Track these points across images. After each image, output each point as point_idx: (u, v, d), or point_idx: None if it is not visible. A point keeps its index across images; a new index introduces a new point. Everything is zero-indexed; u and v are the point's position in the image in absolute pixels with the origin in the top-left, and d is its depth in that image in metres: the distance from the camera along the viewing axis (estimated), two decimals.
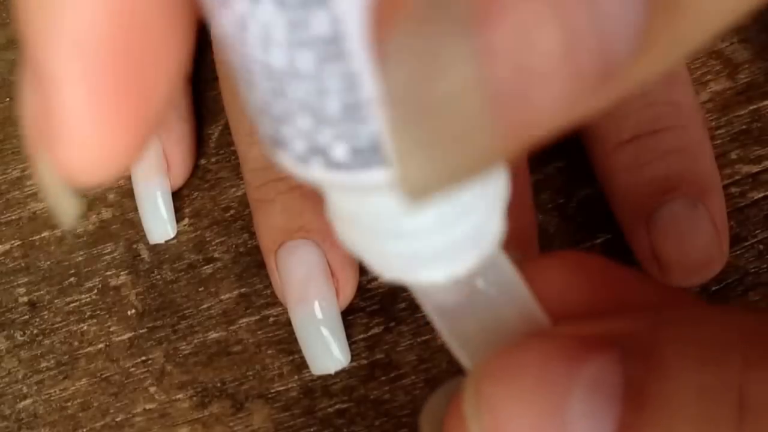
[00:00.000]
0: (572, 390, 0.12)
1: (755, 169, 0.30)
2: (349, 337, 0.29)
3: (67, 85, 0.11)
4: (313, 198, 0.29)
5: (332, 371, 0.28)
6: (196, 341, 0.30)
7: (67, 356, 0.30)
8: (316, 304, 0.28)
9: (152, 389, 0.29)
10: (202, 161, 0.33)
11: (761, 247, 0.29)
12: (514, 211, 0.13)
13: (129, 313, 0.31)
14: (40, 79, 0.12)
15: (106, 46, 0.11)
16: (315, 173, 0.11)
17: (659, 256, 0.26)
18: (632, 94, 0.27)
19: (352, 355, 0.29)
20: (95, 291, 0.31)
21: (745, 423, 0.12)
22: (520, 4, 0.09)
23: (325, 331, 0.28)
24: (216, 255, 0.31)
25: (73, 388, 0.30)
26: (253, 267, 0.31)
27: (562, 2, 0.09)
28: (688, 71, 0.32)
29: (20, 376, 0.30)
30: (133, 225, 0.32)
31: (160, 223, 0.31)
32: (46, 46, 0.11)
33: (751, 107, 0.31)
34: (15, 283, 0.32)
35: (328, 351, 0.28)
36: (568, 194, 0.30)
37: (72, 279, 0.31)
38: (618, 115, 0.27)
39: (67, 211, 0.13)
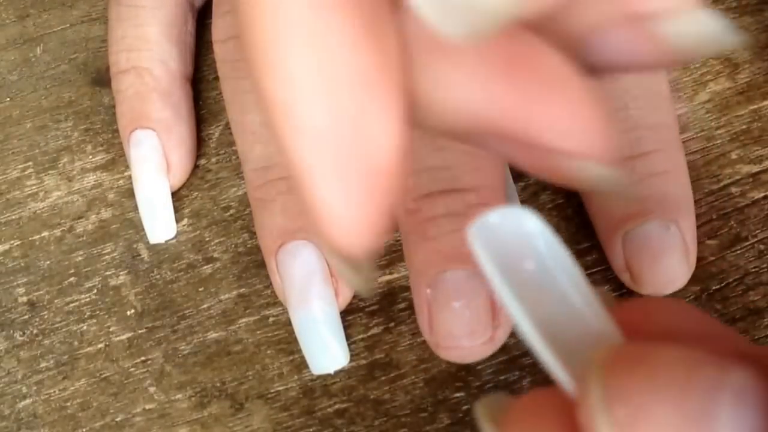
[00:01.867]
0: (720, 396, 0.12)
1: (755, 168, 0.30)
2: (349, 337, 0.29)
3: (312, 175, 0.13)
4: None
5: (332, 371, 0.28)
6: (195, 341, 0.30)
7: (66, 356, 0.30)
8: (316, 305, 0.28)
9: (152, 389, 0.29)
10: (202, 161, 0.33)
11: (761, 247, 0.29)
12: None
13: (128, 313, 0.31)
14: (293, 173, 0.13)
15: (338, 133, 0.13)
16: None
17: (631, 271, 0.28)
18: (614, 117, 0.27)
19: (351, 355, 0.29)
20: (95, 291, 0.31)
21: None
22: None
23: (324, 332, 0.28)
24: (216, 255, 0.31)
25: (73, 388, 0.30)
26: (252, 267, 0.31)
27: None
28: (688, 71, 0.32)
29: (20, 376, 0.30)
30: (133, 225, 0.32)
31: (159, 223, 0.31)
32: (286, 138, 0.13)
33: (751, 107, 0.31)
34: (14, 283, 0.32)
35: (327, 351, 0.28)
36: (568, 194, 0.30)
37: (71, 279, 0.31)
38: None
39: (352, 280, 0.15)
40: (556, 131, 0.14)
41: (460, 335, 0.25)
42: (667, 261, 0.27)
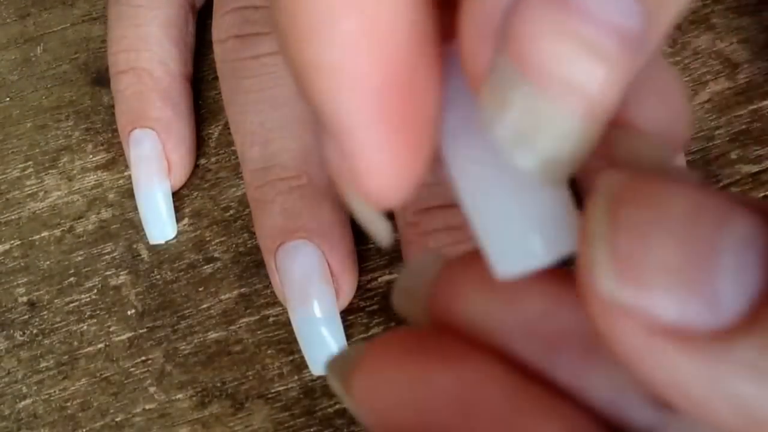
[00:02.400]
0: (726, 238, 0.12)
1: (755, 168, 0.30)
2: (349, 337, 0.29)
3: (358, 131, 0.13)
4: (312, 199, 0.29)
5: None
6: (195, 341, 0.30)
7: (66, 356, 0.30)
8: (316, 305, 0.28)
9: (152, 389, 0.29)
10: (202, 161, 0.33)
11: None
12: None
13: (129, 313, 0.31)
14: (331, 130, 0.13)
15: (384, 90, 0.13)
16: None
17: None
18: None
19: None
20: (95, 291, 0.31)
21: None
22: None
23: (324, 332, 0.28)
24: (216, 255, 0.31)
25: (73, 388, 0.30)
26: (253, 267, 0.31)
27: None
28: (688, 71, 0.32)
29: (20, 376, 0.30)
30: (133, 225, 0.32)
31: (160, 223, 0.31)
32: (332, 100, 0.13)
33: (751, 107, 0.31)
34: (14, 283, 0.32)
35: (327, 351, 0.28)
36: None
37: (72, 279, 0.31)
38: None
39: (380, 231, 0.15)
40: None
41: None
42: None
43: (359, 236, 0.30)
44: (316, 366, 0.28)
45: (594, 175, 0.13)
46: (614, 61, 0.12)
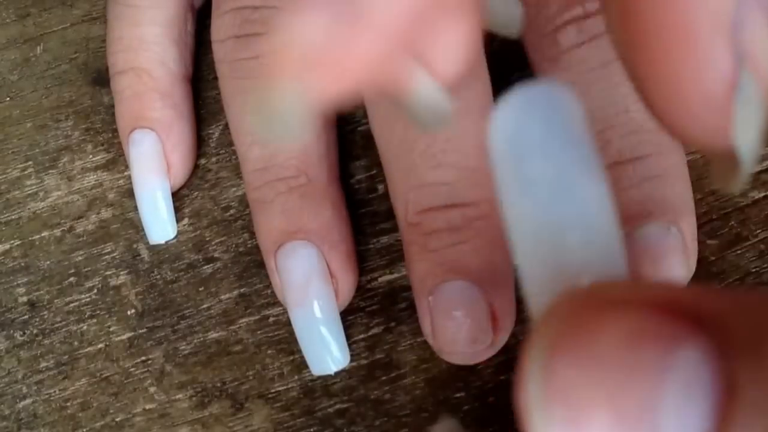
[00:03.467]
0: (666, 383, 0.11)
1: (756, 168, 0.30)
2: (349, 337, 0.29)
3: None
4: (312, 199, 0.29)
5: (332, 372, 0.28)
6: (195, 341, 0.30)
7: (66, 356, 0.30)
8: (316, 305, 0.28)
9: (152, 389, 0.29)
10: (202, 161, 0.33)
11: (762, 246, 0.29)
12: None
13: (129, 312, 0.31)
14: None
15: None
16: None
17: (631, 274, 0.27)
18: (616, 121, 0.27)
19: (352, 356, 0.29)
20: (95, 291, 0.31)
21: None
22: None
23: (324, 332, 0.28)
24: (216, 255, 0.31)
25: (73, 388, 0.30)
26: (253, 267, 0.31)
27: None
28: None
29: (20, 376, 0.30)
30: (133, 225, 0.32)
31: (160, 223, 0.31)
32: None
33: None
34: (14, 283, 0.32)
35: (327, 351, 0.28)
36: None
37: (72, 279, 0.31)
38: (601, 140, 0.27)
39: (441, 105, 0.16)
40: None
41: (462, 342, 0.26)
42: (668, 263, 0.27)
43: (359, 236, 0.30)
44: (316, 366, 0.28)
45: None
46: None
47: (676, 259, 0.27)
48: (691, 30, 0.13)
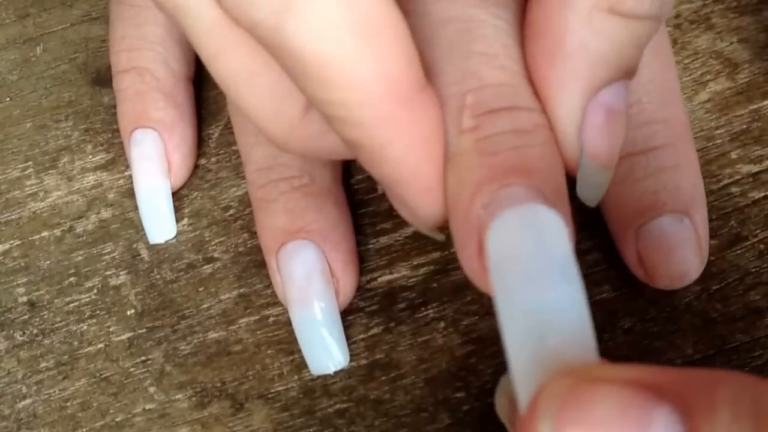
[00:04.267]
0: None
1: (755, 168, 0.30)
2: (349, 337, 0.29)
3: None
4: (315, 199, 0.29)
5: (331, 371, 0.28)
6: (195, 341, 0.30)
7: (66, 356, 0.30)
8: (316, 305, 0.28)
9: (152, 389, 0.29)
10: (202, 161, 0.33)
11: (762, 246, 0.29)
12: None
13: (128, 313, 0.31)
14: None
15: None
16: None
17: (645, 265, 0.28)
18: (630, 111, 0.28)
19: (352, 356, 0.29)
20: (95, 291, 0.31)
21: None
22: None
23: (324, 332, 0.28)
24: (216, 255, 0.31)
25: (73, 388, 0.30)
26: (252, 267, 0.31)
27: None
28: (688, 71, 0.32)
29: (20, 376, 0.30)
30: (133, 225, 0.32)
31: (160, 223, 0.31)
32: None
33: (751, 107, 0.31)
34: (14, 283, 0.32)
35: (327, 351, 0.28)
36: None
37: (71, 279, 0.31)
38: None
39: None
40: None
41: None
42: (681, 254, 0.27)
43: (359, 236, 0.30)
44: (316, 366, 0.28)
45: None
46: None
47: (689, 250, 0.27)
48: (558, 130, 0.22)
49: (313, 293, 0.28)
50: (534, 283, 0.17)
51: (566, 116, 0.21)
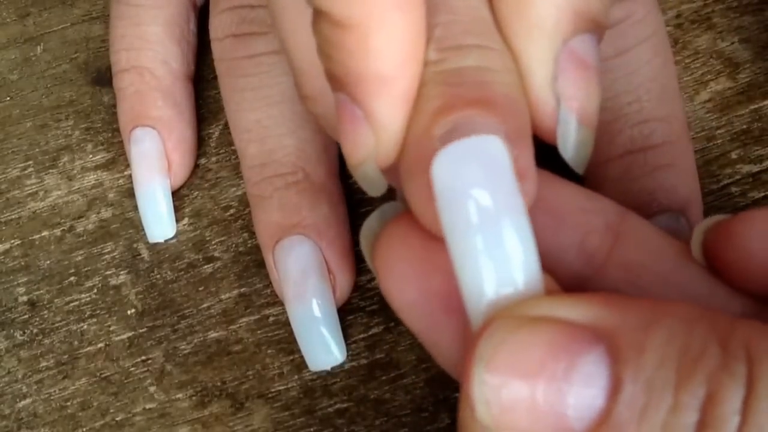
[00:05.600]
0: (572, 381, 0.16)
1: (756, 168, 0.30)
2: (349, 336, 0.29)
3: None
4: (309, 195, 0.29)
5: (329, 368, 0.28)
6: (195, 341, 0.30)
7: (66, 356, 0.30)
8: (313, 301, 0.28)
9: (152, 389, 0.29)
10: (203, 161, 0.33)
11: None
12: None
13: (129, 312, 0.31)
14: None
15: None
16: None
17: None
18: (628, 109, 0.27)
19: (352, 355, 0.29)
20: (95, 290, 0.31)
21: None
22: None
23: (321, 328, 0.28)
24: (216, 254, 0.31)
25: (73, 387, 0.30)
26: (253, 266, 0.31)
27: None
28: (688, 71, 0.32)
29: (20, 376, 0.30)
30: (133, 224, 0.32)
31: (159, 222, 0.31)
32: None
33: (752, 107, 0.31)
34: (15, 283, 0.32)
35: (324, 347, 0.28)
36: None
37: (72, 278, 0.31)
38: (613, 129, 0.28)
39: (377, 186, 0.21)
40: None
41: None
42: None
43: (359, 236, 0.30)
44: (314, 363, 0.28)
45: None
46: None
47: None
48: (531, 82, 0.21)
49: (309, 289, 0.28)
50: (482, 219, 0.17)
51: (538, 66, 0.21)
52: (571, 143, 0.21)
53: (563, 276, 0.21)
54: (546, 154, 0.21)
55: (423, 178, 0.19)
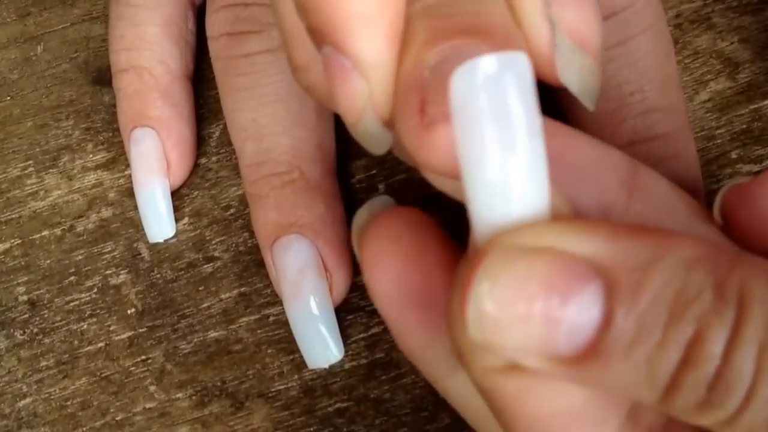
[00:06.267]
0: (565, 311, 0.16)
1: (755, 168, 0.30)
2: (349, 336, 0.29)
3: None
4: (305, 194, 0.29)
5: (326, 366, 0.28)
6: (196, 340, 0.30)
7: (66, 355, 0.30)
8: (310, 299, 0.28)
9: (152, 388, 0.30)
10: (203, 160, 0.33)
11: None
12: None
13: (129, 312, 0.31)
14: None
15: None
16: None
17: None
18: (630, 100, 0.27)
19: (352, 355, 0.29)
20: (95, 290, 0.31)
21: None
22: None
23: (319, 326, 0.28)
24: (216, 254, 0.31)
25: (73, 387, 0.30)
26: (253, 266, 0.31)
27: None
28: (688, 71, 0.32)
29: (20, 375, 0.30)
30: (133, 224, 0.32)
31: (159, 222, 0.31)
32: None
33: (752, 107, 0.31)
34: (15, 282, 0.32)
35: (321, 345, 0.28)
36: None
37: (72, 278, 0.31)
38: (616, 119, 0.27)
39: (382, 141, 0.20)
40: None
41: None
42: None
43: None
44: (312, 360, 0.28)
45: None
46: None
47: None
48: (520, 12, 0.19)
49: (305, 287, 0.28)
50: (501, 146, 0.17)
51: None
52: (572, 71, 0.20)
53: None
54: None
55: (415, 111, 0.18)
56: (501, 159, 0.17)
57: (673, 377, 0.16)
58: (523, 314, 0.16)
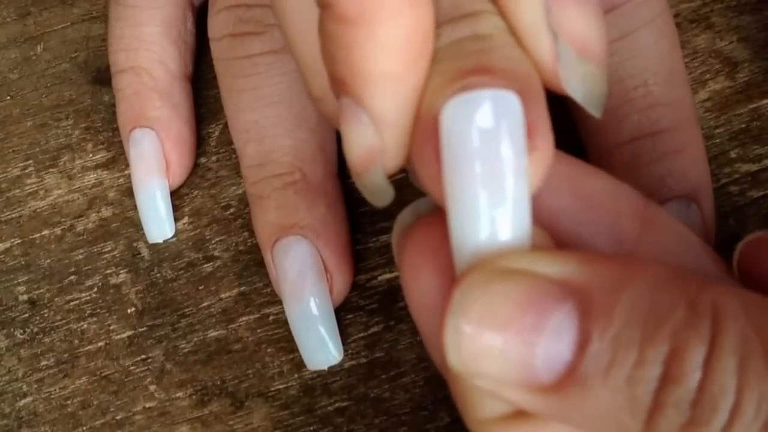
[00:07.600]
0: (541, 335, 0.16)
1: (754, 167, 0.30)
2: (348, 336, 0.29)
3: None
4: (306, 195, 0.29)
5: (326, 367, 0.29)
6: (195, 339, 0.30)
7: (67, 354, 0.30)
8: (310, 300, 0.28)
9: (152, 387, 0.30)
10: (203, 160, 0.33)
11: None
12: None
13: (129, 311, 0.31)
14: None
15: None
16: None
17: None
18: (635, 94, 0.27)
19: (351, 354, 0.29)
20: (95, 289, 0.31)
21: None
22: None
23: (319, 327, 0.28)
24: (216, 253, 0.31)
25: (73, 386, 0.30)
26: (252, 265, 0.31)
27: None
28: (687, 70, 0.32)
29: (20, 375, 0.30)
30: (133, 223, 0.32)
31: (158, 222, 0.31)
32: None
33: (751, 106, 0.31)
34: (15, 282, 0.32)
35: (321, 347, 0.28)
36: None
37: (72, 277, 0.32)
38: (620, 114, 0.27)
39: (385, 196, 0.20)
40: None
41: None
42: None
43: (359, 235, 0.30)
44: (312, 362, 0.29)
45: None
46: None
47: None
48: (521, 26, 0.19)
49: (306, 289, 0.28)
50: (488, 180, 0.17)
51: (527, 2, 0.19)
52: (576, 80, 0.19)
53: None
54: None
55: (430, 145, 0.18)
56: (488, 213, 0.17)
57: (655, 398, 0.16)
58: (498, 343, 0.16)
